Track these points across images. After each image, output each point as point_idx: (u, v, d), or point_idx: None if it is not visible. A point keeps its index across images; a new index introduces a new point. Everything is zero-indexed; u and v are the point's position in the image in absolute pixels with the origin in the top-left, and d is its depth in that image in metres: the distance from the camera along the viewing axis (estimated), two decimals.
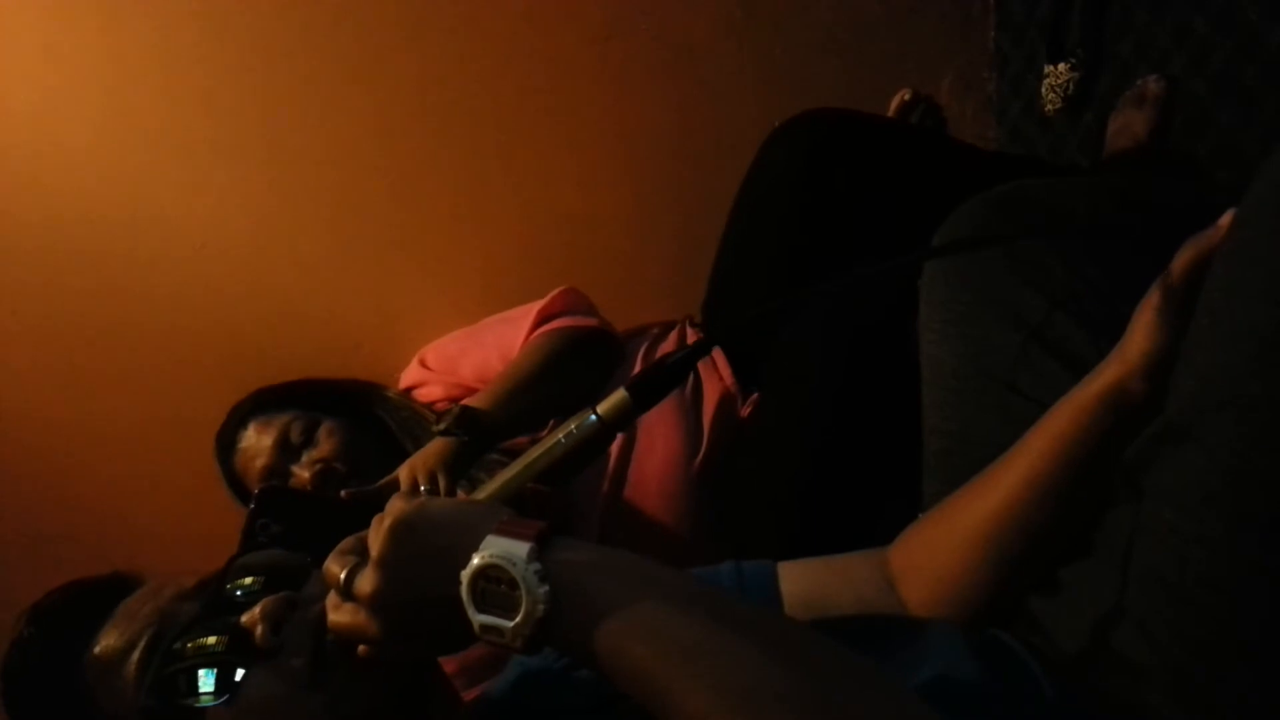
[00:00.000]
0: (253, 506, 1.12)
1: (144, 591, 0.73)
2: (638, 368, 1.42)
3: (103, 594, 0.73)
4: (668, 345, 1.52)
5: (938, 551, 0.77)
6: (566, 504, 1.35)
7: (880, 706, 0.51)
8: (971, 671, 0.66)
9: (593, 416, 0.64)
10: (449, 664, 1.23)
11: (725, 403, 1.42)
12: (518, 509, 0.61)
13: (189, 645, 0.65)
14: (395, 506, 0.60)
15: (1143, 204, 1.00)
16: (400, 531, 0.59)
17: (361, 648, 0.62)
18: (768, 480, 1.28)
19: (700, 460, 1.37)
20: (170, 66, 1.67)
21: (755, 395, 1.42)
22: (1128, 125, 1.54)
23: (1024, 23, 1.84)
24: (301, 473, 1.37)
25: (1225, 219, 0.67)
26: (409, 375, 1.63)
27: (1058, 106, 1.72)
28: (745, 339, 1.45)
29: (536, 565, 0.55)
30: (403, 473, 1.19)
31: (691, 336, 1.50)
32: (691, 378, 1.44)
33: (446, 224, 1.80)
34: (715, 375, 1.45)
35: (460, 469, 1.23)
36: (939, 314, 0.93)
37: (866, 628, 0.74)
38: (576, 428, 0.64)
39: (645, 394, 0.64)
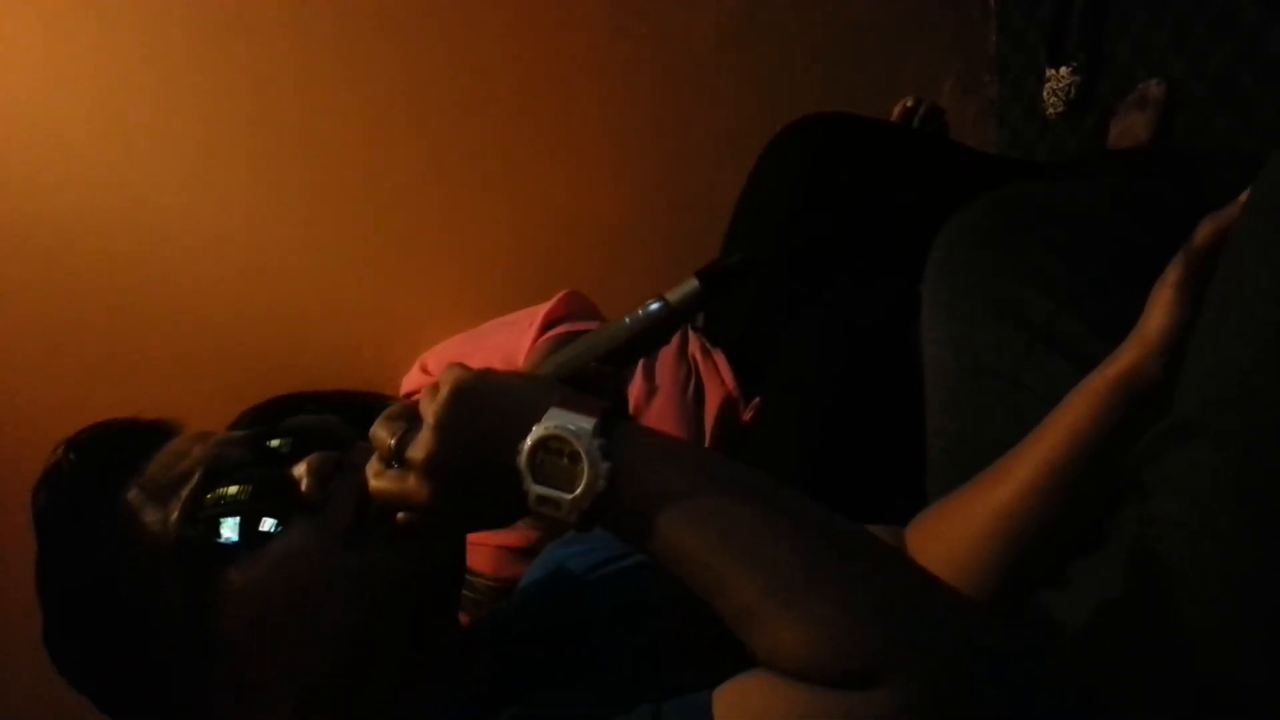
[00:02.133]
0: None
1: (191, 435, 0.72)
2: (638, 373, 1.42)
3: (146, 434, 0.73)
4: (670, 349, 1.52)
5: (951, 539, 0.77)
6: (623, 388, 1.34)
7: (938, 603, 0.52)
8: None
9: (659, 303, 0.63)
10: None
11: (727, 406, 1.42)
12: (577, 388, 0.60)
13: (237, 489, 0.65)
14: (452, 374, 0.59)
15: (1143, 206, 1.00)
16: (460, 397, 0.58)
17: (402, 515, 0.61)
18: None
19: None
20: (167, 68, 1.66)
21: (757, 399, 1.42)
22: (1129, 129, 1.55)
23: (1024, 27, 1.84)
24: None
25: (1244, 197, 0.67)
26: (410, 380, 1.63)
27: (1059, 110, 1.72)
28: (747, 342, 1.45)
29: (601, 440, 0.54)
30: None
31: (693, 340, 1.49)
32: (694, 381, 1.44)
33: (446, 226, 1.80)
34: (717, 379, 1.45)
35: None
36: (941, 315, 0.93)
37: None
38: (643, 312, 0.63)
39: (717, 283, 0.62)
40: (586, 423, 0.54)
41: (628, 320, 0.63)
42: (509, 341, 1.50)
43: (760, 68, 1.84)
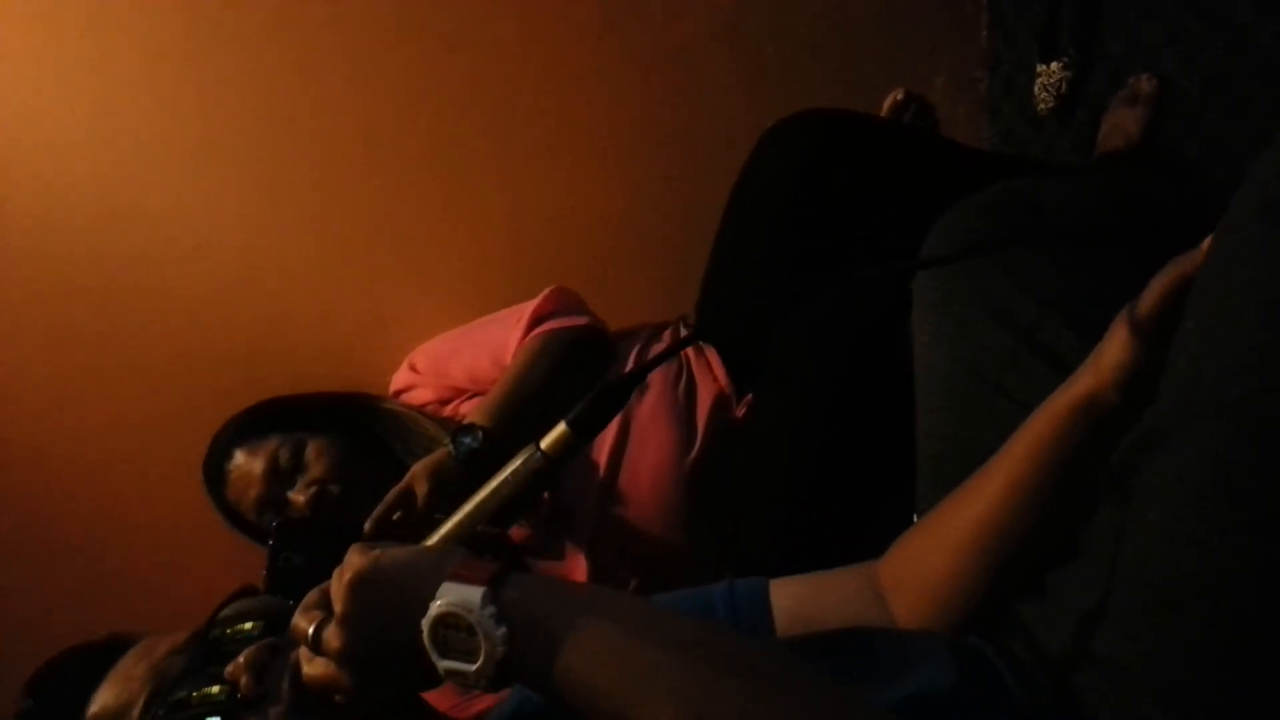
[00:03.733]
0: (272, 543, 1.17)
1: (137, 650, 0.75)
2: (630, 368, 1.42)
3: (98, 657, 0.76)
4: (660, 346, 1.52)
5: (924, 562, 0.78)
6: (519, 548, 1.35)
7: (832, 713, 0.52)
8: (951, 682, 0.67)
9: (537, 453, 0.66)
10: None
11: (719, 403, 1.42)
12: (473, 549, 0.63)
13: (183, 698, 0.68)
14: (352, 561, 0.62)
15: (1134, 204, 1.00)
16: (359, 586, 0.60)
17: (338, 697, 0.64)
18: (762, 481, 1.28)
19: (693, 461, 1.37)
20: (160, 67, 1.66)
21: (750, 396, 1.41)
22: (1120, 124, 1.55)
23: (1016, 22, 1.84)
24: (297, 497, 1.36)
25: (1206, 243, 0.67)
26: (399, 379, 1.62)
27: (1050, 106, 1.72)
28: (740, 340, 1.44)
29: (491, 609, 0.56)
30: (390, 493, 1.21)
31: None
32: (685, 378, 1.44)
33: (438, 225, 1.79)
34: (710, 376, 1.44)
35: (455, 482, 1.23)
36: (931, 316, 0.93)
37: (853, 641, 0.74)
38: (522, 464, 0.66)
39: (586, 425, 0.66)
40: (474, 594, 0.56)
41: (509, 475, 0.66)
42: (497, 338, 1.49)
43: (752, 63, 1.84)
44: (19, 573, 1.64)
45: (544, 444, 0.66)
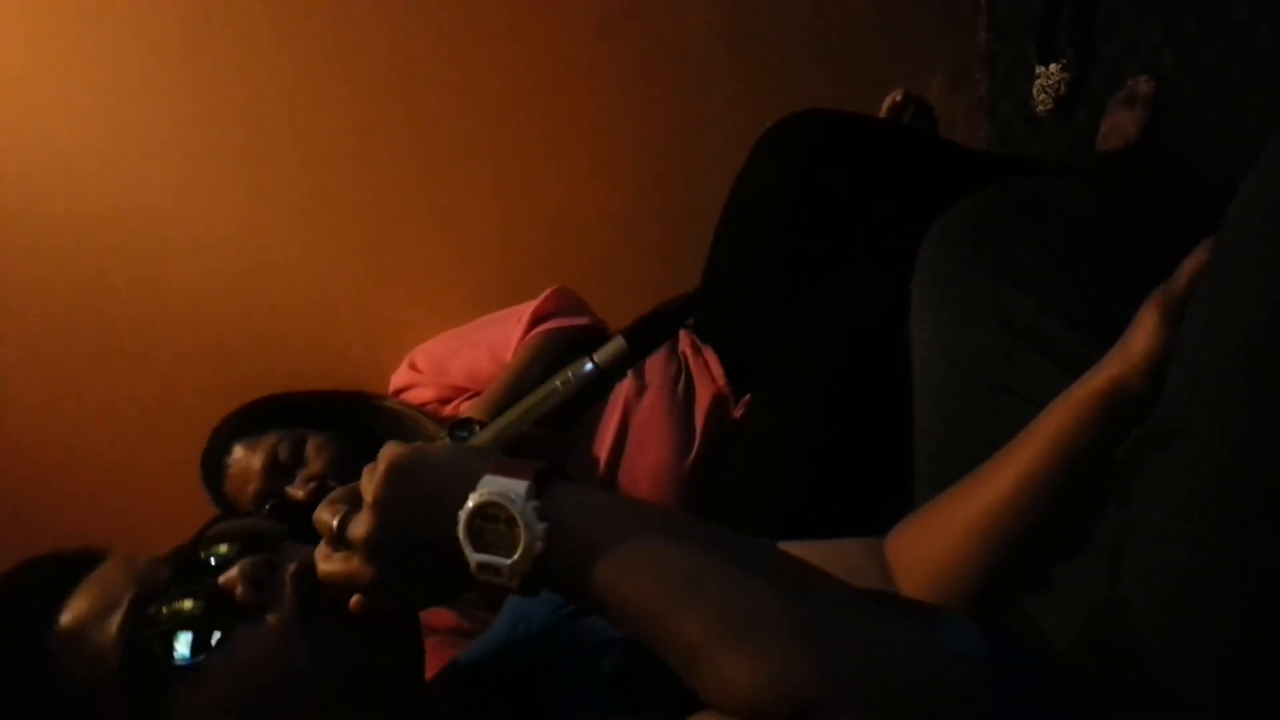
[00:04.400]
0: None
1: (115, 560, 0.71)
2: (627, 372, 1.42)
3: (70, 565, 0.71)
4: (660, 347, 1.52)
5: (932, 545, 0.77)
6: (563, 451, 1.34)
7: (873, 627, 0.51)
8: (983, 650, 0.66)
9: (590, 365, 0.64)
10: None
11: (717, 404, 1.41)
12: (514, 454, 0.61)
13: (167, 609, 0.64)
14: (389, 451, 0.60)
15: (1133, 204, 1.00)
16: (395, 474, 0.58)
17: (355, 599, 0.61)
18: (760, 482, 1.28)
19: (692, 461, 1.37)
20: (159, 67, 1.66)
21: (747, 397, 1.41)
22: (1119, 125, 1.55)
23: (1014, 23, 1.84)
24: (296, 492, 1.35)
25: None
26: (398, 378, 1.62)
27: (1048, 107, 1.72)
28: (738, 340, 1.44)
29: (535, 502, 0.55)
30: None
31: (684, 338, 1.49)
32: (684, 379, 1.44)
33: (436, 225, 1.79)
34: (708, 376, 1.44)
35: None
36: (930, 315, 0.93)
37: (879, 597, 0.73)
38: (573, 374, 0.65)
39: (642, 342, 0.64)
40: (519, 486, 0.55)
41: (559, 384, 0.65)
42: (497, 338, 1.49)
43: (750, 64, 1.84)
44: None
45: (598, 356, 0.65)
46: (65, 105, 1.64)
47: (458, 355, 1.55)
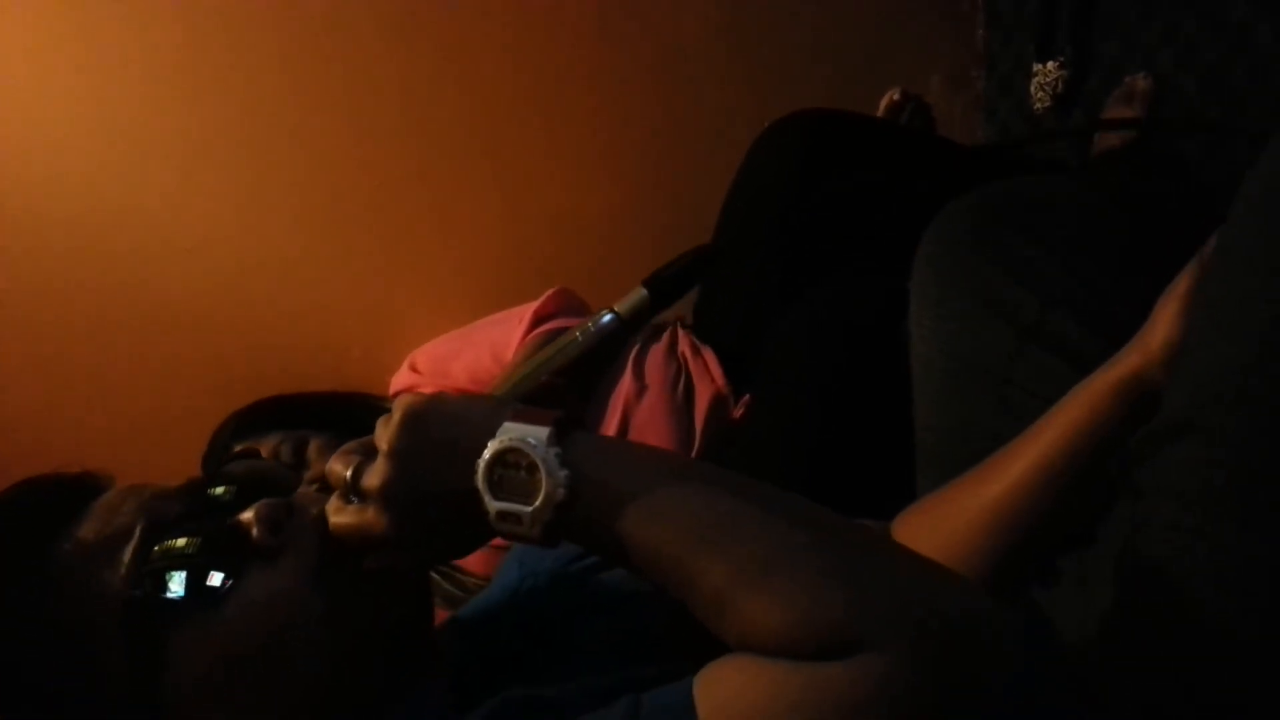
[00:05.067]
0: None
1: (122, 490, 0.68)
2: (628, 371, 1.41)
3: (74, 489, 0.68)
4: (659, 347, 1.51)
5: (941, 533, 0.77)
6: (582, 407, 1.34)
7: (910, 567, 0.51)
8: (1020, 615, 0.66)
9: (609, 315, 0.63)
10: None
11: (717, 404, 1.41)
12: (533, 404, 0.59)
13: (179, 544, 0.62)
14: (405, 399, 0.58)
15: (1132, 202, 1.01)
16: (412, 421, 0.57)
17: (369, 560, 0.60)
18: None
19: None
20: (157, 67, 1.66)
21: (747, 396, 1.41)
22: None
23: (1012, 21, 1.84)
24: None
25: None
26: (399, 379, 1.62)
27: (1046, 105, 1.72)
28: (737, 340, 1.44)
29: (556, 449, 0.53)
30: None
31: (683, 339, 1.49)
32: (684, 379, 1.44)
33: (436, 226, 1.79)
34: (707, 376, 1.44)
35: None
36: (930, 312, 0.93)
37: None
38: (594, 324, 0.63)
39: (663, 291, 0.63)
40: (540, 432, 0.53)
41: (579, 335, 0.64)
42: (499, 338, 1.49)
43: (749, 63, 1.84)
44: None
45: (619, 307, 0.64)
46: (63, 108, 1.63)
47: (459, 356, 1.55)
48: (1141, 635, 0.64)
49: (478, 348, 1.53)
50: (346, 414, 1.48)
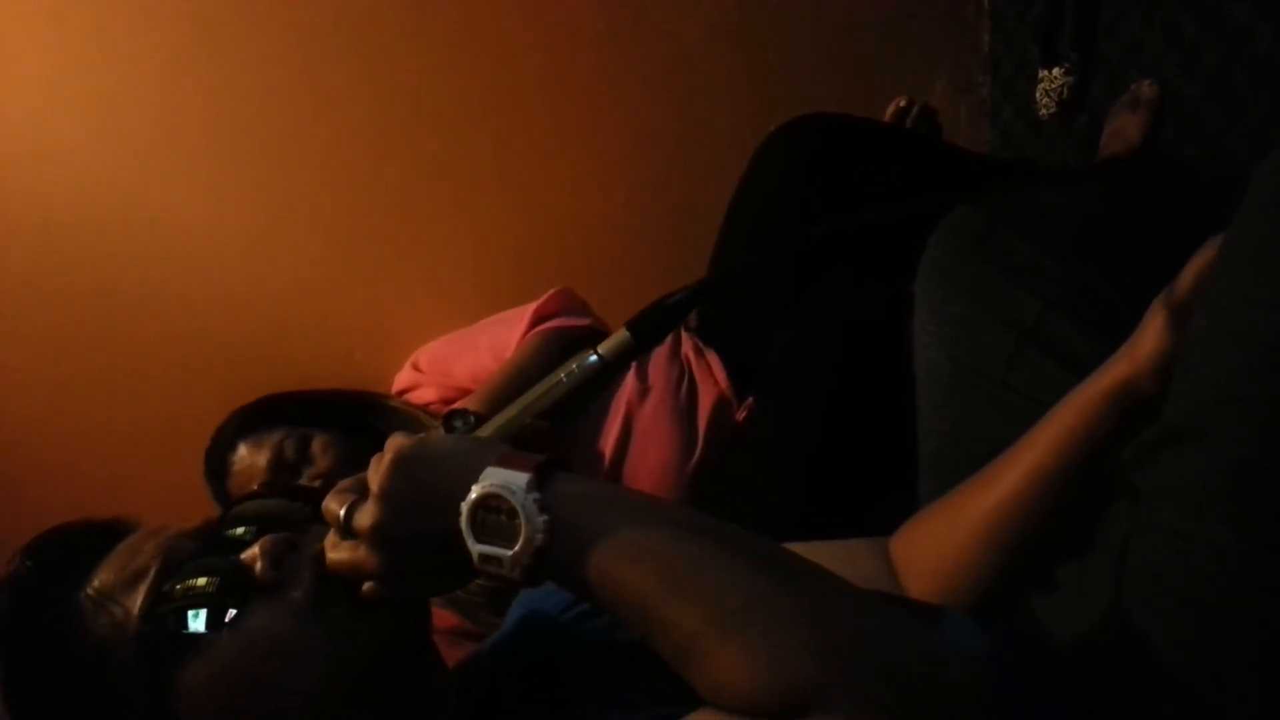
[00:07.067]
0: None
1: (143, 532, 0.72)
2: (631, 373, 1.42)
3: (101, 534, 0.73)
4: (663, 349, 1.52)
5: (940, 544, 0.78)
6: (568, 443, 1.34)
7: (872, 619, 0.51)
8: (986, 647, 0.66)
9: (594, 356, 0.64)
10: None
11: (720, 407, 1.41)
12: (518, 446, 0.62)
13: (190, 582, 0.66)
14: (395, 442, 0.61)
15: (1136, 207, 1.01)
16: (401, 465, 0.59)
17: (366, 586, 0.62)
18: (763, 484, 1.28)
19: (695, 464, 1.37)
20: (164, 71, 1.67)
21: (750, 399, 1.41)
22: (1121, 129, 1.55)
23: (1017, 27, 1.85)
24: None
25: (1220, 238, 0.67)
26: (402, 379, 1.62)
27: (1051, 110, 1.72)
28: (741, 343, 1.45)
29: (536, 495, 0.55)
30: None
31: (687, 341, 1.49)
32: (687, 381, 1.44)
33: (440, 227, 1.80)
34: (710, 379, 1.44)
35: None
36: (933, 316, 0.94)
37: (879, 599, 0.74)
38: (577, 366, 0.65)
39: (647, 334, 0.64)
40: (520, 478, 0.56)
41: (564, 376, 0.65)
42: (500, 337, 1.50)
43: (754, 68, 1.85)
44: None
45: (602, 348, 0.65)
46: (71, 112, 1.64)
47: (461, 356, 1.55)
48: (1138, 641, 0.64)
49: (479, 348, 1.53)
50: (349, 411, 1.49)
